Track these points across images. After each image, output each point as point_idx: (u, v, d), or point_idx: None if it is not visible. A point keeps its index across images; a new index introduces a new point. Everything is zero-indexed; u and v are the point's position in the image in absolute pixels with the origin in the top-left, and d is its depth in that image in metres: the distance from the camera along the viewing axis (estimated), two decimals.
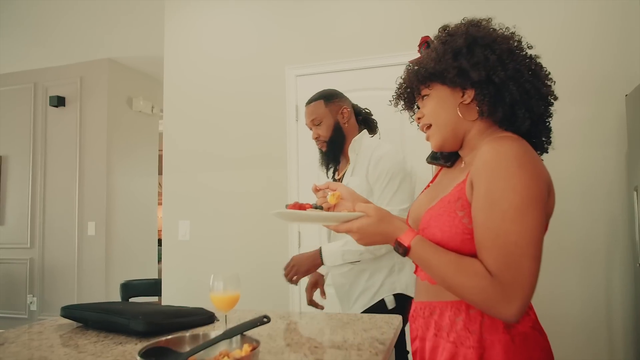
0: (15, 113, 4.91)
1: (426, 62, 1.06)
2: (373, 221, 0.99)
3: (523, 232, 0.86)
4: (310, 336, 1.28)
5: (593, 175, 2.38)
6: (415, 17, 2.70)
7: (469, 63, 0.98)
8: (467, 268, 0.89)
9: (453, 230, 0.95)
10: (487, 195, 0.89)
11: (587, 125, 2.36)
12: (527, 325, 0.96)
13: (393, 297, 1.82)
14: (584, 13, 2.46)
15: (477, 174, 0.92)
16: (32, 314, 4.64)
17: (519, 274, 0.85)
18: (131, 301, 1.61)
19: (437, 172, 1.26)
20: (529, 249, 0.85)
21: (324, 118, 1.96)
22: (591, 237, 2.37)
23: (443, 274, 0.92)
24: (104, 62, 4.68)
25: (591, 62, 2.40)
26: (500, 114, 0.98)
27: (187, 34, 3.17)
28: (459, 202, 0.96)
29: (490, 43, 0.99)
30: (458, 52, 1.00)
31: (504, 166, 0.88)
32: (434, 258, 0.93)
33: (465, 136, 1.07)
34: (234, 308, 1.28)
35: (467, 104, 1.03)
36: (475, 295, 0.88)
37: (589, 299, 2.36)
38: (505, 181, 0.88)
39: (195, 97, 3.11)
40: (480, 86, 0.99)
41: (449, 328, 0.99)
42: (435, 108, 1.07)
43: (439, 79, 1.04)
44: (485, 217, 0.89)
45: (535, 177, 0.89)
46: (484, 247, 0.89)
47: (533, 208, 0.87)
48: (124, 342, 1.26)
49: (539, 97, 0.99)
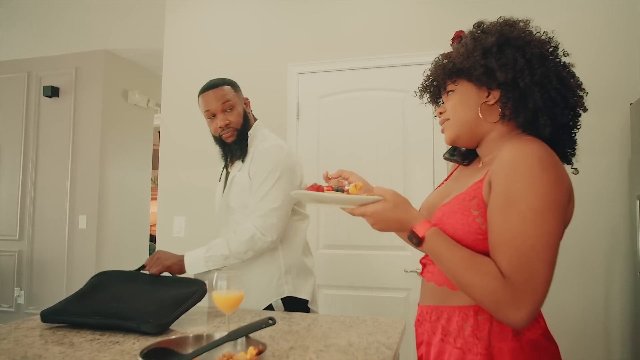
0: (7, 103, 4.81)
1: (455, 56, 1.03)
2: (389, 206, 0.95)
3: (540, 236, 0.83)
4: (314, 339, 1.24)
5: (595, 183, 2.37)
6: (420, 18, 2.67)
7: (497, 63, 0.96)
8: (480, 267, 0.87)
9: (466, 229, 0.93)
10: (506, 195, 0.87)
11: (590, 134, 2.34)
12: (537, 333, 0.94)
13: (281, 302, 1.72)
14: (588, 21, 2.45)
15: (497, 173, 0.90)
16: (19, 307, 4.55)
17: (532, 278, 0.83)
18: (104, 279, 1.52)
19: (452, 170, 1.24)
20: (545, 253, 0.83)
21: (236, 104, 1.83)
22: (592, 245, 2.36)
23: (454, 270, 0.90)
24: (101, 53, 4.60)
25: (595, 71, 2.39)
26: (522, 118, 0.96)
27: (188, 27, 3.12)
28: (474, 200, 0.94)
29: (523, 45, 0.96)
30: (488, 50, 0.97)
31: (526, 167, 0.86)
32: (447, 252, 0.91)
33: (484, 137, 1.04)
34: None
35: (490, 104, 1.01)
36: (485, 296, 0.86)
37: (588, 308, 2.35)
38: (527, 182, 0.85)
39: (194, 92, 3.03)
40: (506, 88, 0.96)
41: (457, 333, 0.96)
42: (456, 104, 1.04)
43: (466, 76, 1.01)
44: (502, 218, 0.86)
45: (557, 182, 0.87)
46: (499, 247, 0.87)
47: (553, 213, 0.85)
48: (121, 341, 1.21)
49: (565, 107, 0.97)
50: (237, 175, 1.80)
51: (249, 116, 1.88)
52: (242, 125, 1.83)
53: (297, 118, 2.80)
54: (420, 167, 2.58)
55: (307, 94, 2.81)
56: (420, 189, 2.51)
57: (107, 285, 1.51)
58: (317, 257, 2.67)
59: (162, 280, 1.56)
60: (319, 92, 2.79)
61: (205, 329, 1.35)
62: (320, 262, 2.68)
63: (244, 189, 1.74)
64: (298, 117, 2.80)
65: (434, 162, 2.55)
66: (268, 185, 1.69)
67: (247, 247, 1.66)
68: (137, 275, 1.59)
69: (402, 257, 2.45)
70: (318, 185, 1.02)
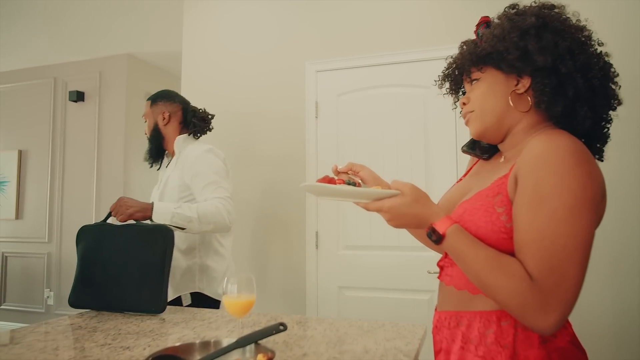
0: (35, 108, 4.93)
1: (486, 40, 0.96)
2: (407, 201, 0.88)
3: (573, 235, 0.77)
4: (329, 345, 1.19)
5: (629, 178, 2.24)
6: (435, 13, 2.59)
7: (536, 45, 0.89)
8: (506, 267, 0.81)
9: (489, 227, 0.86)
10: (536, 190, 0.80)
11: (623, 126, 2.21)
12: (565, 340, 0.87)
13: (190, 295, 1.96)
14: (616, 10, 2.33)
15: (525, 168, 0.83)
16: (49, 308, 4.65)
17: (563, 281, 0.76)
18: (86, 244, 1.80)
19: (471, 165, 1.17)
20: (577, 254, 0.77)
21: (148, 118, 2.15)
22: (625, 243, 2.24)
23: (477, 271, 0.83)
24: (123, 57, 4.66)
25: (619, 62, 2.26)
26: (560, 107, 0.89)
27: (205, 27, 3.11)
28: (498, 197, 0.87)
29: (563, 30, 0.90)
30: (526, 31, 0.90)
31: (559, 161, 0.79)
32: (470, 251, 0.84)
33: (511, 129, 0.97)
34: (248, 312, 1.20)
35: (520, 93, 0.94)
36: (511, 299, 0.79)
37: (622, 311, 2.22)
38: (559, 177, 0.79)
39: (212, 92, 3.04)
40: (542, 74, 0.89)
41: (478, 341, 0.89)
42: (484, 93, 0.97)
43: (494, 62, 0.95)
44: (532, 215, 0.80)
45: (591, 177, 0.80)
46: (526, 247, 0.80)
47: (587, 211, 0.78)
48: (131, 347, 1.19)
49: (605, 97, 0.90)
50: (170, 175, 2.06)
51: (162, 128, 2.12)
52: (152, 135, 2.12)
53: (315, 117, 2.75)
54: (443, 164, 2.50)
55: (326, 92, 2.76)
56: (443, 187, 2.41)
57: (95, 259, 1.70)
58: (338, 258, 2.63)
59: (131, 235, 1.68)
60: (337, 90, 2.74)
61: (217, 334, 1.32)
62: (341, 263, 2.63)
63: (174, 188, 2.01)
64: (317, 116, 2.75)
65: (457, 159, 2.46)
66: (217, 179, 1.93)
67: (211, 218, 1.83)
68: (111, 231, 1.72)
69: (425, 257, 2.37)
70: (330, 178, 0.96)
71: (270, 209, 2.82)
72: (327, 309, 2.63)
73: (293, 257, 2.74)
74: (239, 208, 2.88)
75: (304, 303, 2.67)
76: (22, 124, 4.97)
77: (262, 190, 2.85)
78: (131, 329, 1.39)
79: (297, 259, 2.73)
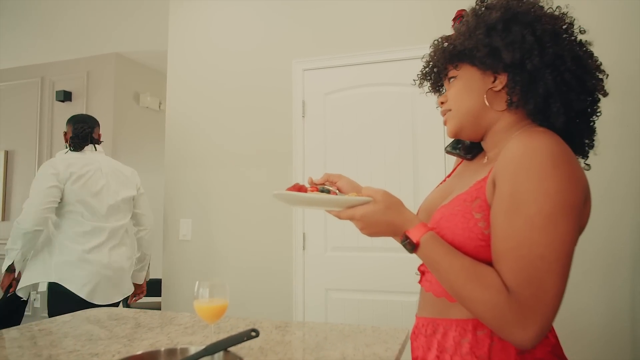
0: (21, 107, 4.85)
1: (456, 37, 0.92)
2: (379, 208, 0.84)
3: (552, 244, 0.72)
4: (306, 351, 1.15)
5: (619, 178, 2.21)
6: (426, 10, 2.55)
7: (502, 41, 0.85)
8: (482, 278, 0.76)
9: (466, 234, 0.81)
10: (513, 196, 0.75)
11: (611, 125, 2.19)
12: (545, 351, 0.82)
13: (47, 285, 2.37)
14: (602, 12, 2.30)
15: (502, 172, 0.78)
16: (36, 311, 4.58)
17: (541, 292, 0.71)
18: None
19: (455, 165, 1.12)
20: (556, 265, 0.72)
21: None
22: (616, 244, 2.21)
23: (452, 281, 0.79)
24: (111, 56, 4.60)
25: (609, 61, 2.23)
26: (532, 105, 0.84)
27: (191, 26, 3.07)
28: (476, 202, 0.82)
29: (532, 21, 0.85)
30: (492, 27, 0.86)
31: (536, 164, 0.75)
32: (445, 261, 0.79)
33: (490, 128, 0.92)
34: (225, 316, 1.16)
35: (497, 91, 0.89)
36: (487, 312, 0.74)
37: (613, 312, 2.19)
38: (536, 182, 0.74)
39: (199, 90, 3.00)
40: (514, 71, 0.85)
41: (453, 350, 0.85)
42: (460, 91, 0.93)
43: (469, 59, 0.90)
44: (508, 222, 0.75)
45: (572, 181, 0.75)
46: (503, 257, 0.75)
47: (566, 217, 0.73)
48: (100, 353, 1.14)
49: (582, 91, 0.84)
50: None
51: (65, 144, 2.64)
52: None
53: (302, 116, 2.71)
54: (431, 165, 2.46)
55: (313, 91, 2.72)
56: (431, 187, 2.38)
57: None
58: (325, 260, 2.59)
59: None
60: (325, 89, 2.70)
61: (192, 339, 1.27)
62: (328, 265, 2.59)
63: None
64: (304, 115, 2.71)
65: (445, 159, 2.43)
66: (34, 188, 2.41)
67: (13, 236, 2.34)
68: None
69: (413, 259, 2.32)
70: (300, 185, 0.91)
71: (257, 209, 2.77)
72: (314, 312, 2.58)
73: (279, 259, 2.69)
74: (224, 208, 2.84)
75: (290, 306, 2.63)
76: (8, 124, 4.90)
77: (248, 190, 2.81)
78: (104, 334, 1.34)
79: (283, 261, 2.68)
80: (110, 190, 2.52)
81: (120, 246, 2.54)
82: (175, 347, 0.96)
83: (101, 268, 2.39)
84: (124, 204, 2.59)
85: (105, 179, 2.51)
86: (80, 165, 2.44)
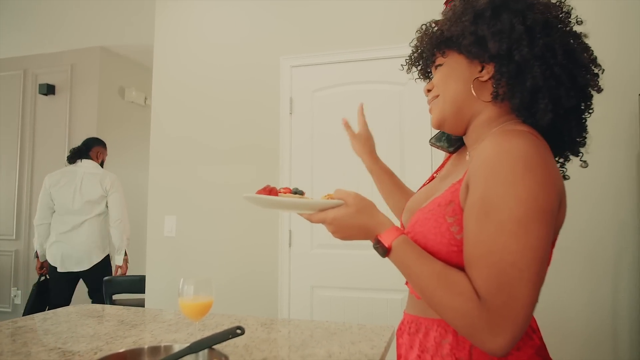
0: (3, 101, 4.76)
1: (442, 23, 0.88)
2: (351, 212, 0.82)
3: (523, 250, 0.69)
4: (291, 349, 1.14)
5: (602, 178, 2.24)
6: (416, 7, 2.56)
7: (489, 30, 0.81)
8: (453, 285, 0.74)
9: (438, 239, 0.79)
10: (484, 200, 0.72)
11: (596, 126, 2.21)
12: (529, 352, 0.81)
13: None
14: (596, 10, 2.33)
15: (475, 174, 0.75)
16: (16, 307, 4.50)
17: (512, 301, 0.69)
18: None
19: (445, 160, 1.09)
20: (528, 272, 0.69)
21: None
22: (599, 243, 2.24)
23: (423, 287, 0.77)
24: (96, 50, 4.53)
25: (603, 60, 2.26)
26: (518, 100, 0.81)
27: (178, 20, 3.03)
28: (450, 206, 0.80)
29: (523, 10, 0.80)
30: (480, 14, 0.82)
31: (507, 168, 0.71)
32: (416, 266, 0.77)
33: (472, 120, 0.89)
34: (210, 313, 1.15)
35: (484, 81, 0.85)
36: (457, 319, 0.73)
37: (595, 308, 2.22)
38: (508, 186, 0.71)
39: (185, 85, 2.96)
40: (500, 62, 0.82)
41: (434, 351, 0.83)
42: (445, 78, 0.89)
43: (456, 46, 0.87)
44: (479, 228, 0.73)
45: (545, 185, 0.72)
46: (474, 263, 0.73)
47: (539, 222, 0.70)
48: (82, 351, 1.12)
49: (573, 87, 0.80)
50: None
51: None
52: None
53: (290, 113, 2.70)
54: (418, 163, 2.47)
55: (301, 88, 2.71)
56: (418, 185, 2.39)
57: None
58: (311, 257, 2.58)
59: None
60: (312, 86, 2.69)
61: (176, 337, 1.26)
62: (314, 262, 2.58)
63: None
64: (291, 112, 2.70)
65: (432, 158, 2.44)
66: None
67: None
68: None
69: None
70: (271, 188, 0.87)
71: (243, 206, 2.75)
72: (299, 309, 2.58)
73: (265, 256, 2.68)
74: (209, 205, 2.82)
75: (276, 303, 2.62)
76: None
77: (234, 187, 2.79)
78: (86, 331, 1.32)
79: (269, 258, 2.67)
80: (81, 192, 3.38)
81: (82, 232, 3.38)
82: (159, 344, 0.95)
83: (69, 247, 3.33)
84: (89, 203, 3.41)
85: (79, 183, 3.40)
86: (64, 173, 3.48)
